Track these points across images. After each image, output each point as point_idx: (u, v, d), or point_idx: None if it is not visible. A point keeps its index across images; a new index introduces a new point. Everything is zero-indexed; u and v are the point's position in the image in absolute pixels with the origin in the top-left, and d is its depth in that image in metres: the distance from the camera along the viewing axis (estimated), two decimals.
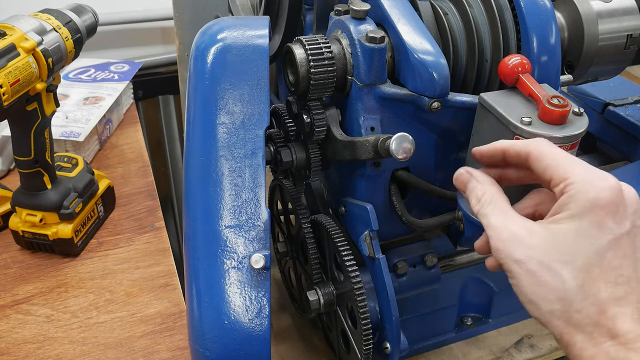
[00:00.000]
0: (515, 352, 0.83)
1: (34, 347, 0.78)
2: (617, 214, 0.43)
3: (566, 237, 0.44)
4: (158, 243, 0.97)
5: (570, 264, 0.43)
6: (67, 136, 1.09)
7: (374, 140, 0.59)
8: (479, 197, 0.49)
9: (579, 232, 0.43)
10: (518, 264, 0.44)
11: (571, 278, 0.43)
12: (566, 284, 0.43)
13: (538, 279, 0.44)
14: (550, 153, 0.47)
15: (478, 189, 0.50)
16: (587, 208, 0.43)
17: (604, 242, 0.43)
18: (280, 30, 0.80)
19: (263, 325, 0.56)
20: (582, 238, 0.43)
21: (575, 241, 0.43)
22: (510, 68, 0.57)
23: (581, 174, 0.45)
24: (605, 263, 0.43)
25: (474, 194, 0.50)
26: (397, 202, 0.68)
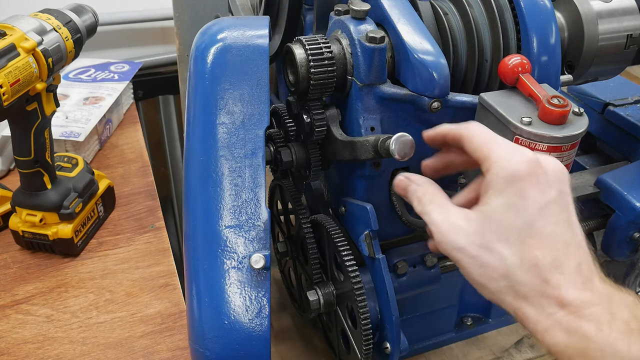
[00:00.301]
0: (515, 352, 0.83)
1: (34, 347, 0.78)
2: (539, 184, 0.45)
3: (496, 215, 0.45)
4: (158, 243, 0.97)
5: (505, 240, 0.45)
6: (67, 136, 1.09)
7: (374, 141, 0.59)
8: (420, 198, 0.51)
9: (506, 208, 0.45)
10: (461, 251, 0.46)
11: (509, 254, 0.44)
12: (506, 260, 0.44)
13: (481, 261, 0.45)
14: (478, 135, 0.48)
15: (418, 191, 0.51)
16: (508, 183, 0.45)
17: (532, 212, 0.44)
18: (280, 30, 0.80)
19: (263, 325, 0.56)
20: (510, 213, 0.45)
21: (504, 217, 0.45)
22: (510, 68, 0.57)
23: (501, 152, 0.46)
24: (538, 232, 0.44)
25: (414, 196, 0.51)
26: (397, 202, 0.68)
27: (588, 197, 0.81)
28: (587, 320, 0.42)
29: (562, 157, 0.57)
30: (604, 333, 0.41)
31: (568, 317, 0.42)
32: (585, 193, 0.80)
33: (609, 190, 0.79)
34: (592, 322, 0.41)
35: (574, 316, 0.42)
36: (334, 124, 0.66)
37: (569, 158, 0.58)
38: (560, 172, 0.46)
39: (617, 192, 0.78)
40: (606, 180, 0.79)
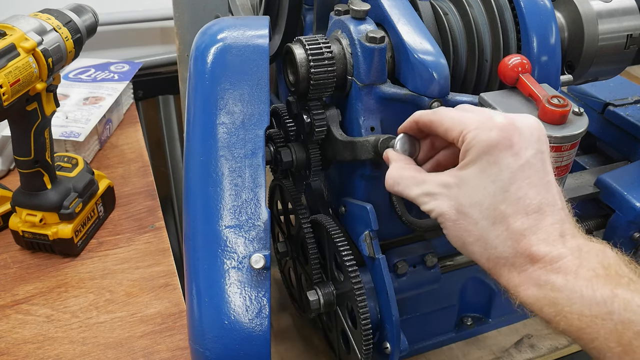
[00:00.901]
0: (515, 352, 0.83)
1: (34, 347, 0.78)
2: (512, 147, 0.46)
3: (471, 181, 0.47)
4: (158, 243, 0.97)
5: (478, 205, 0.46)
6: (67, 136, 1.09)
7: (374, 141, 0.59)
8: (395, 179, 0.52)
9: (480, 174, 0.46)
10: (443, 216, 0.48)
11: (481, 218, 0.46)
12: (478, 225, 0.46)
13: (459, 225, 0.47)
14: (447, 116, 0.50)
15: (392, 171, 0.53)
16: (482, 150, 0.46)
17: (505, 177, 0.45)
18: (280, 30, 0.80)
19: (263, 325, 0.56)
20: (484, 179, 0.46)
21: (478, 183, 0.46)
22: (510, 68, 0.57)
23: (473, 122, 0.47)
24: (512, 197, 0.45)
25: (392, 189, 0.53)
26: (397, 202, 0.68)
27: (588, 197, 0.81)
28: (556, 273, 0.43)
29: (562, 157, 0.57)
30: (570, 282, 0.42)
31: (539, 272, 0.44)
32: (585, 193, 0.80)
33: (609, 190, 0.79)
34: (561, 274, 0.43)
35: (544, 270, 0.44)
36: (334, 124, 0.66)
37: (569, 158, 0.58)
38: (536, 129, 0.47)
39: (617, 192, 0.78)
40: (606, 180, 0.79)
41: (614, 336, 0.40)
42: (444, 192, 0.48)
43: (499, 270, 0.46)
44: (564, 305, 0.42)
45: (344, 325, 0.70)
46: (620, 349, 0.40)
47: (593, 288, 0.42)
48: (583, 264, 0.43)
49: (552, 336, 0.85)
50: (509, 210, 0.45)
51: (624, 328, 0.40)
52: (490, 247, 0.46)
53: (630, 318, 0.40)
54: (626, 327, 0.40)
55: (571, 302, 0.42)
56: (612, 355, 0.40)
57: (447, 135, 0.49)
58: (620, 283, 0.42)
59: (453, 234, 0.48)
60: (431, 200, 0.49)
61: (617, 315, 0.40)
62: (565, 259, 0.43)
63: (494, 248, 0.46)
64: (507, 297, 0.46)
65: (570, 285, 0.42)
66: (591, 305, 0.41)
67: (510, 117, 0.47)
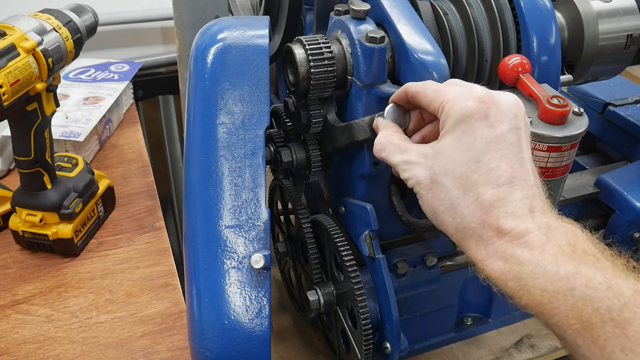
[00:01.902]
0: (515, 352, 0.83)
1: (34, 347, 0.78)
2: (487, 119, 0.46)
3: (446, 151, 0.47)
4: (158, 243, 0.97)
5: (450, 174, 0.46)
6: (67, 136, 1.09)
7: (370, 120, 0.60)
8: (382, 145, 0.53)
9: (455, 143, 0.47)
10: (418, 185, 0.49)
11: (453, 187, 0.46)
12: (449, 193, 0.47)
13: (432, 194, 0.48)
14: (431, 88, 0.51)
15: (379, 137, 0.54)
16: (458, 120, 0.46)
17: (478, 147, 0.46)
18: (280, 30, 0.80)
19: (263, 325, 0.56)
20: (458, 148, 0.46)
21: (453, 152, 0.47)
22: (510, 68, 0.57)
23: (452, 94, 0.48)
24: (484, 167, 0.45)
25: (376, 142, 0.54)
26: (397, 202, 0.68)
27: (588, 197, 0.81)
28: (522, 247, 0.43)
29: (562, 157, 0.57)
30: (535, 257, 0.42)
31: (505, 246, 0.44)
32: (585, 193, 0.80)
33: (609, 190, 0.79)
34: (527, 248, 0.43)
35: (510, 244, 0.44)
36: (330, 114, 0.66)
37: (569, 158, 0.58)
38: (514, 106, 0.47)
39: (617, 192, 0.78)
40: (606, 180, 0.79)
41: (574, 312, 0.40)
42: (422, 161, 0.49)
43: (467, 242, 0.46)
44: (527, 280, 0.42)
45: (344, 325, 0.70)
46: (579, 325, 0.39)
47: (557, 264, 0.41)
48: (550, 240, 0.43)
49: (552, 336, 0.85)
50: (480, 180, 0.45)
51: (584, 304, 0.39)
52: (459, 217, 0.46)
53: (591, 295, 0.39)
54: (586, 304, 0.39)
55: (535, 276, 0.42)
56: (572, 332, 0.40)
57: (430, 106, 0.50)
58: (585, 260, 0.41)
59: (427, 203, 0.49)
60: (410, 168, 0.49)
61: (579, 292, 0.40)
62: (532, 234, 0.43)
63: (462, 217, 0.46)
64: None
65: (535, 260, 0.42)
66: (554, 280, 0.41)
67: (490, 91, 0.48)
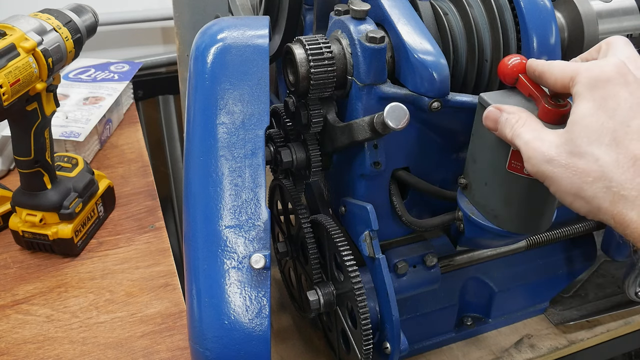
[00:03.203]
0: (515, 352, 0.83)
1: (34, 347, 0.78)
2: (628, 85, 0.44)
3: (585, 120, 0.44)
4: (158, 243, 0.97)
5: (597, 141, 0.43)
6: (67, 136, 1.09)
7: (370, 119, 0.60)
8: (512, 124, 0.51)
9: (595, 111, 0.44)
10: (551, 163, 0.45)
11: (603, 154, 0.43)
12: (600, 161, 0.43)
13: (573, 169, 0.44)
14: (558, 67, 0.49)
15: (510, 118, 0.51)
16: (593, 87, 0.44)
17: (625, 111, 0.43)
18: (280, 30, 0.80)
19: (263, 325, 0.56)
20: (600, 114, 0.44)
21: (594, 120, 0.44)
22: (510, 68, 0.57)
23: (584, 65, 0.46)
24: (635, 129, 0.43)
25: (507, 124, 0.51)
26: (397, 202, 0.68)
27: None
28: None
29: None
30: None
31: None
32: None
33: None
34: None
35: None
36: (330, 114, 0.66)
37: None
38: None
39: None
40: None
41: None
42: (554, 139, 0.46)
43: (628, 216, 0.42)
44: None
45: (344, 325, 0.70)
46: None
47: None
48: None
49: (552, 336, 0.85)
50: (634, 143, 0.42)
51: None
52: (616, 184, 0.42)
53: None
54: None
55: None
56: None
57: (557, 84, 0.49)
58: None
59: (567, 181, 0.45)
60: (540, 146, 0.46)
61: None
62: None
63: (620, 186, 0.42)
64: None
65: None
66: None
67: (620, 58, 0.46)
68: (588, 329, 0.86)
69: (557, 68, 0.49)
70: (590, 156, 0.44)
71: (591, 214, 0.45)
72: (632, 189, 0.42)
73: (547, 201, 0.58)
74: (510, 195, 0.57)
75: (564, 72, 0.48)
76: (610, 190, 0.43)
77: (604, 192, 0.43)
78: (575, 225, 0.82)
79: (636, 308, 0.89)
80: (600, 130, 0.44)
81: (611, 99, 0.44)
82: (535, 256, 0.85)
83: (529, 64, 0.53)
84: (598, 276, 0.94)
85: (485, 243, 0.71)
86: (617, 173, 0.43)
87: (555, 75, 0.49)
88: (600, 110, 0.44)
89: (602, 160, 0.43)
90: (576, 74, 0.46)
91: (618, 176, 0.42)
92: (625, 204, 0.42)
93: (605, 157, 0.43)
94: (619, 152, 0.43)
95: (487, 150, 0.57)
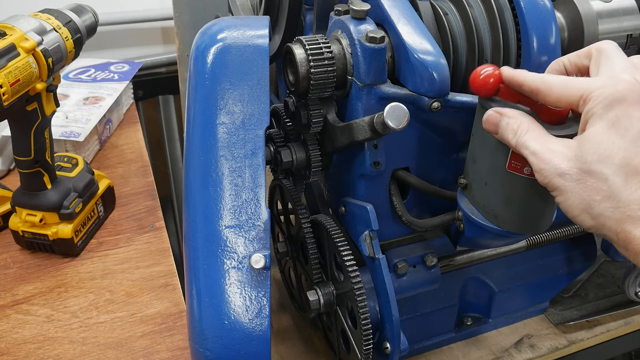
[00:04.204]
0: (515, 352, 0.83)
1: (34, 347, 0.78)
2: None
3: (597, 137, 0.44)
4: (158, 243, 0.97)
5: (607, 161, 0.44)
6: (67, 136, 1.09)
7: (370, 119, 0.59)
8: (515, 130, 0.50)
9: (608, 130, 0.44)
10: (562, 177, 0.45)
11: (612, 174, 0.43)
12: (609, 181, 0.44)
13: (582, 185, 0.44)
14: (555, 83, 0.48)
15: (512, 123, 0.51)
16: (608, 107, 0.44)
17: (636, 131, 0.43)
18: (280, 30, 0.80)
19: (263, 325, 0.56)
20: (613, 134, 0.44)
21: (606, 138, 0.44)
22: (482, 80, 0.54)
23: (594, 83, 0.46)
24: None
25: (509, 129, 0.51)
26: (397, 202, 0.68)
27: None
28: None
29: None
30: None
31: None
32: None
33: None
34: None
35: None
36: (330, 114, 0.66)
37: None
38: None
39: None
40: None
41: None
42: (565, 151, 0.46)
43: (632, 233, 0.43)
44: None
45: (344, 325, 0.70)
46: None
47: None
48: None
49: (552, 336, 0.85)
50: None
51: None
52: (624, 205, 0.43)
53: None
54: None
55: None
56: None
57: (560, 102, 0.48)
58: None
59: (576, 196, 0.45)
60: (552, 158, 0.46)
61: None
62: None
63: (626, 206, 0.43)
64: None
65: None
66: None
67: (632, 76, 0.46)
68: (588, 329, 0.86)
69: (558, 85, 0.48)
70: (599, 175, 0.44)
71: (594, 228, 0.46)
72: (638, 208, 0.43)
73: (547, 201, 0.58)
74: (510, 195, 0.57)
75: (569, 89, 0.47)
76: (617, 210, 0.44)
77: (611, 211, 0.44)
78: (575, 225, 0.82)
79: (636, 308, 0.89)
80: (611, 148, 0.44)
81: (625, 118, 0.44)
82: (535, 256, 0.85)
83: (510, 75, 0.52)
84: (598, 276, 0.94)
85: (485, 243, 0.71)
86: (625, 194, 0.43)
87: (558, 93, 0.48)
88: (612, 129, 0.44)
89: (610, 180, 0.44)
90: (588, 93, 0.46)
91: (626, 197, 0.43)
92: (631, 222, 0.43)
93: (614, 177, 0.43)
94: (628, 173, 0.43)
95: (487, 150, 0.57)
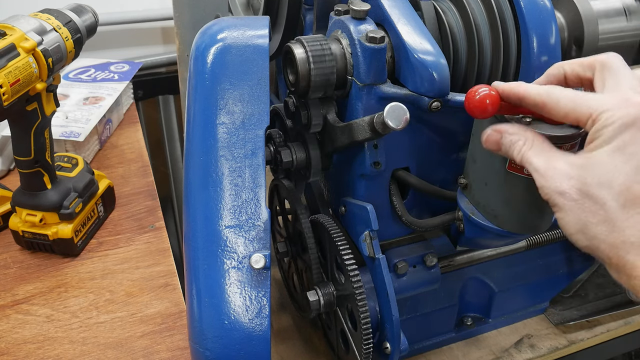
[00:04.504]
0: (515, 352, 0.83)
1: (34, 347, 0.78)
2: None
3: (601, 161, 0.44)
4: (158, 243, 0.97)
5: (607, 185, 0.44)
6: (67, 136, 1.09)
7: (370, 119, 0.59)
8: (520, 147, 0.50)
9: (612, 154, 0.44)
10: (562, 195, 0.45)
11: (610, 199, 0.43)
12: (606, 206, 0.43)
13: (581, 206, 0.44)
14: (563, 97, 0.47)
15: (515, 140, 0.50)
16: (617, 130, 0.44)
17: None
18: (280, 30, 0.80)
19: (263, 325, 0.56)
20: (617, 159, 0.44)
21: (610, 163, 0.44)
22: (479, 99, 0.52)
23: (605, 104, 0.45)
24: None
25: (514, 147, 0.50)
26: (397, 202, 0.68)
27: None
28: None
29: None
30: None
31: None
32: None
33: None
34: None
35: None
36: (330, 114, 0.66)
37: None
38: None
39: None
40: None
41: None
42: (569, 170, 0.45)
43: (624, 258, 0.43)
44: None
45: (344, 327, 0.70)
46: None
47: None
48: None
49: (552, 336, 0.85)
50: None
51: None
52: (618, 230, 0.43)
53: None
54: None
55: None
56: None
57: (568, 118, 0.47)
58: None
59: (572, 215, 0.45)
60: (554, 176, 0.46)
61: None
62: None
63: (621, 231, 0.43)
64: None
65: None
66: None
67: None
68: (588, 329, 0.86)
69: (566, 100, 0.47)
70: (597, 198, 0.44)
71: (588, 249, 0.46)
72: (632, 235, 0.43)
73: None
74: (510, 195, 0.57)
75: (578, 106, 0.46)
76: (611, 234, 0.44)
77: (606, 235, 0.44)
78: None
79: (636, 308, 0.89)
80: (612, 172, 0.44)
81: (632, 144, 0.43)
82: (535, 256, 0.85)
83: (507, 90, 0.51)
84: (598, 276, 0.94)
85: (485, 243, 0.71)
86: (620, 219, 0.43)
87: (565, 110, 0.47)
88: (617, 153, 0.44)
89: (608, 205, 0.43)
90: (597, 114, 0.45)
91: (621, 222, 0.43)
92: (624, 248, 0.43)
93: (612, 202, 0.43)
94: (627, 199, 0.43)
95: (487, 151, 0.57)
